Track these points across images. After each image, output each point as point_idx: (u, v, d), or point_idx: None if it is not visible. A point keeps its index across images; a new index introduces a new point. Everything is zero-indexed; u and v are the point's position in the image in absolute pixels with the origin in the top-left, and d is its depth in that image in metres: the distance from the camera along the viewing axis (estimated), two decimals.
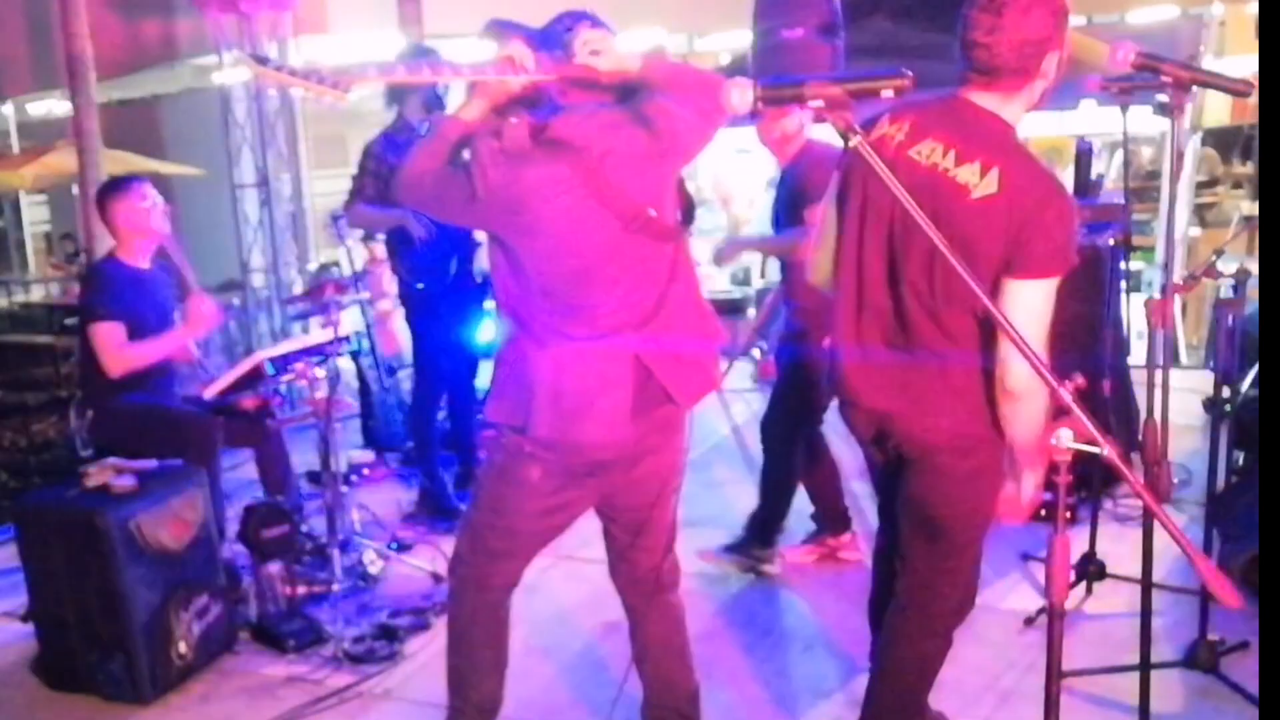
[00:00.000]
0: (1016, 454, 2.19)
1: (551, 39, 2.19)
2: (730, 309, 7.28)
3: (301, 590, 3.68)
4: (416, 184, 2.22)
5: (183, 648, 3.28)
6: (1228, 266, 3.10)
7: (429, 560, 3.96)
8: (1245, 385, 3.84)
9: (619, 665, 2.79)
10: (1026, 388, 2.05)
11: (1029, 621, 3.39)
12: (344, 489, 4.02)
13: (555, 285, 2.18)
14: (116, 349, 3.69)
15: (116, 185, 3.89)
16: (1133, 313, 4.30)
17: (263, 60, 1.99)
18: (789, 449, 3.80)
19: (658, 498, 2.40)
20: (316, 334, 4.23)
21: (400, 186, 2.25)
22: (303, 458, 4.56)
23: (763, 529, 3.91)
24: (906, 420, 2.26)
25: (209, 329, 3.97)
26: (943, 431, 2.22)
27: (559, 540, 2.56)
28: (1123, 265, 3.70)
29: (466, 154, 2.16)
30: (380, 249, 5.95)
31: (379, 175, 4.07)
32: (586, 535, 2.68)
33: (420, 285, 4.22)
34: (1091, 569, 3.59)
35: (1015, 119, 2.20)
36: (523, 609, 2.49)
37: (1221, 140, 9.73)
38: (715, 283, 7.63)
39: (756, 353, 6.69)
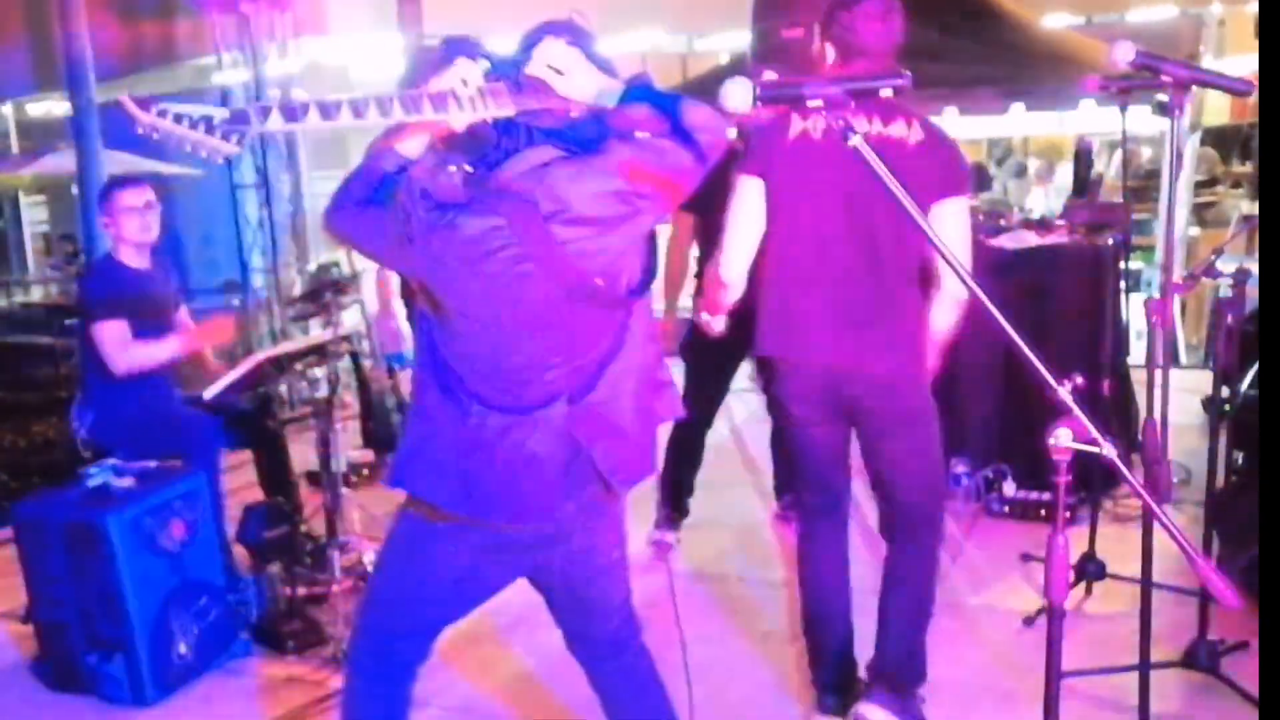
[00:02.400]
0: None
1: (516, 58, 1.88)
2: None
3: (301, 590, 3.68)
4: (345, 218, 1.94)
5: (183, 648, 3.28)
6: (1228, 266, 3.10)
7: None
8: (1245, 385, 3.84)
9: None
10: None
11: (1029, 621, 3.39)
12: (344, 489, 4.02)
13: (483, 349, 1.93)
14: (123, 347, 3.69)
15: (116, 185, 3.89)
16: (1133, 312, 4.31)
17: (144, 104, 1.67)
18: None
19: (596, 574, 2.20)
20: (316, 334, 4.23)
21: (328, 218, 1.96)
22: (303, 458, 4.56)
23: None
24: (858, 368, 2.67)
25: (221, 341, 3.93)
26: (888, 373, 2.68)
27: None
28: (1122, 265, 3.70)
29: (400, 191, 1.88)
30: None
31: None
32: None
33: None
34: (1091, 569, 3.59)
35: None
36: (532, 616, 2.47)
37: (1221, 140, 9.73)
38: None
39: None
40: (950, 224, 2.55)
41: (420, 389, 2.01)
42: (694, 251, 4.04)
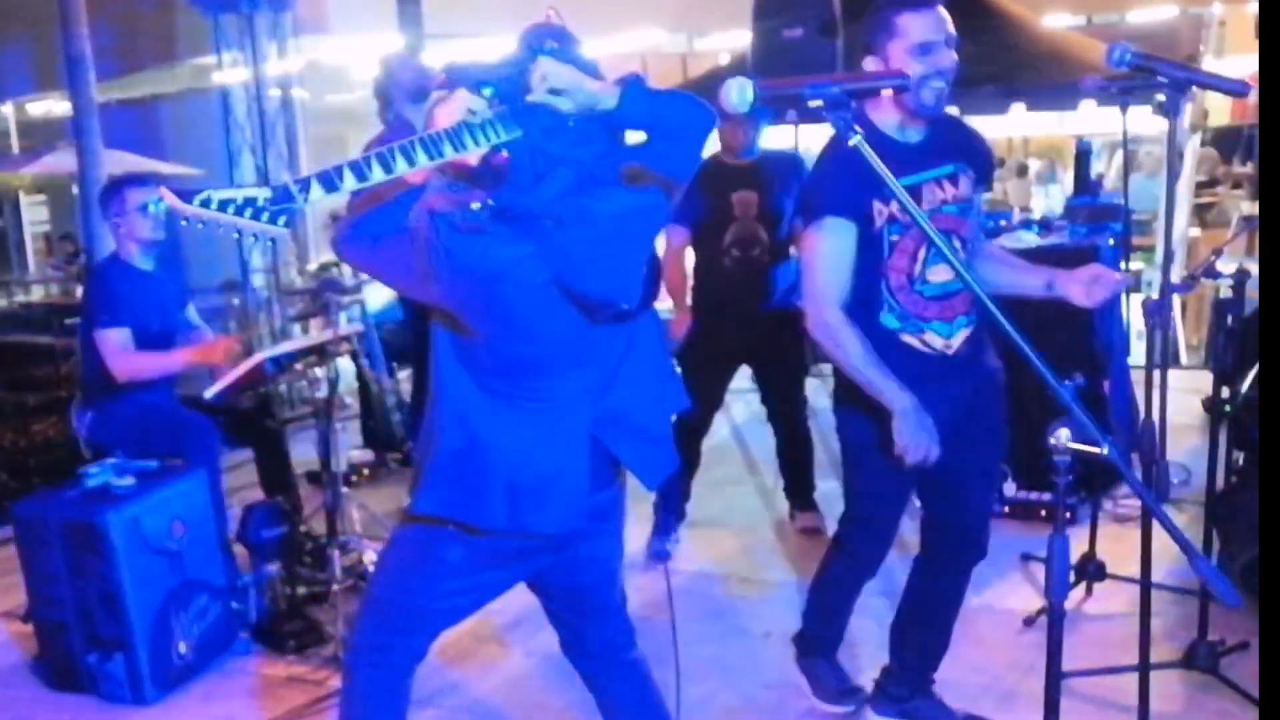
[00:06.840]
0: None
1: (514, 81, 1.86)
2: None
3: (301, 590, 3.68)
4: (363, 252, 1.94)
5: (183, 648, 3.29)
6: (1228, 266, 3.11)
7: None
8: (1245, 385, 3.84)
9: None
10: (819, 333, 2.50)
11: (1029, 622, 3.39)
12: (344, 489, 4.02)
13: (510, 368, 1.97)
14: (124, 356, 3.67)
15: (126, 184, 3.86)
16: (1133, 312, 4.30)
17: (185, 196, 1.63)
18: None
19: (594, 580, 2.24)
20: (316, 334, 4.22)
21: (341, 245, 1.93)
22: (303, 458, 4.56)
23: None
24: None
25: (221, 363, 3.88)
26: None
27: None
28: (1122, 265, 3.70)
29: (414, 218, 1.87)
30: None
31: None
32: None
33: None
34: (1091, 569, 3.59)
35: None
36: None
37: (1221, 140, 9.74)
38: None
39: None
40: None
41: (447, 399, 2.00)
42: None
